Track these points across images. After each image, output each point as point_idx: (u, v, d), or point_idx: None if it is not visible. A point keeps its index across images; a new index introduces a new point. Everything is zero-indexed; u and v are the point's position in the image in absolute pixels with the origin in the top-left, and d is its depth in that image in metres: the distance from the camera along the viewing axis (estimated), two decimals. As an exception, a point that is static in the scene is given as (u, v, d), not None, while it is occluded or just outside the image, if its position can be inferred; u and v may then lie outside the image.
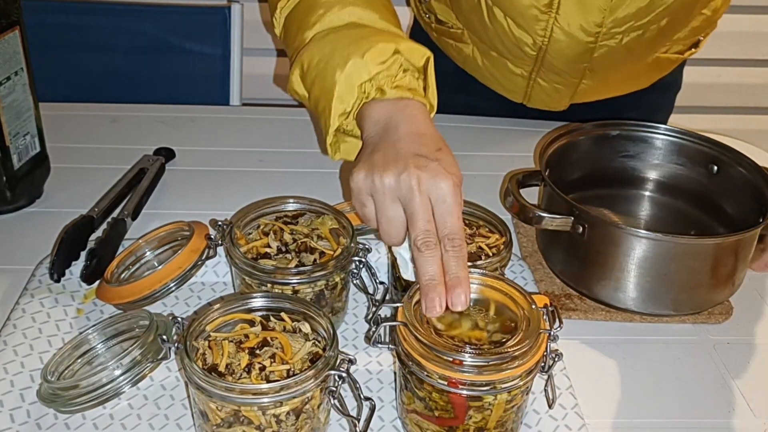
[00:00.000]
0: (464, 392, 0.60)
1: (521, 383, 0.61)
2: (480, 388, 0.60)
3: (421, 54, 0.76)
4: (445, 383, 0.60)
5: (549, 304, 0.65)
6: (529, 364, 0.60)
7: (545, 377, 0.65)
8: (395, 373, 0.68)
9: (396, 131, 0.71)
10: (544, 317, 0.64)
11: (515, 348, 0.60)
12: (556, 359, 0.64)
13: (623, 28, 0.99)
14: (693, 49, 1.16)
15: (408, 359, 0.62)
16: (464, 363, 0.59)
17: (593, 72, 1.08)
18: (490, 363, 0.59)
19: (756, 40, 1.83)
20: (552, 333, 0.63)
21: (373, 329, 0.65)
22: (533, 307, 0.64)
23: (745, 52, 1.83)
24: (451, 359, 0.59)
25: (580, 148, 0.92)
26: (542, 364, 0.63)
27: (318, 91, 0.77)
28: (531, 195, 0.87)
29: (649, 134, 0.93)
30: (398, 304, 0.64)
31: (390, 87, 0.74)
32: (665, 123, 1.27)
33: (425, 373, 0.60)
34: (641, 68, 1.13)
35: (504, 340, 0.62)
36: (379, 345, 0.65)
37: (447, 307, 0.63)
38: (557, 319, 0.64)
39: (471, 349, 0.60)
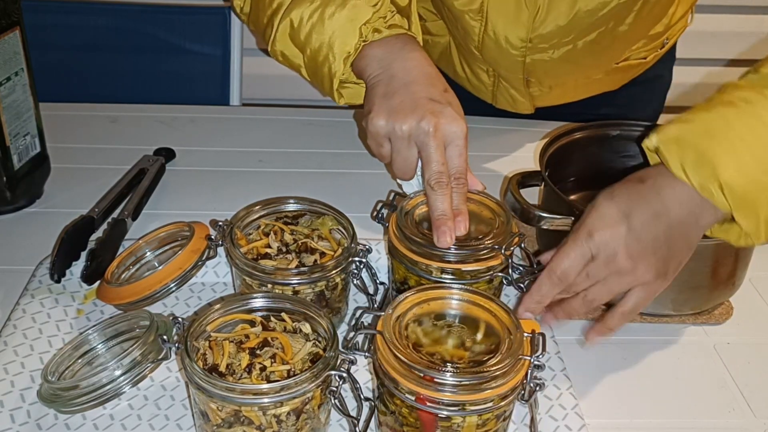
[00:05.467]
0: (432, 410, 0.58)
1: (494, 407, 0.59)
2: (448, 407, 0.58)
3: None
4: (414, 399, 0.58)
5: (537, 331, 0.62)
6: (503, 388, 0.58)
7: (526, 406, 0.63)
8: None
9: (406, 72, 0.78)
10: (534, 343, 0.61)
11: (488, 370, 0.58)
12: (537, 389, 0.60)
13: (550, 44, 1.00)
14: (660, 50, 1.15)
15: (381, 370, 0.60)
16: (434, 380, 0.57)
17: (538, 82, 1.09)
18: (461, 383, 0.57)
19: (758, 40, 1.83)
20: (533, 360, 0.60)
21: (351, 335, 0.64)
22: (517, 330, 0.61)
23: (747, 52, 1.83)
24: (421, 375, 0.57)
25: (580, 148, 0.92)
26: (521, 391, 0.60)
27: (316, 42, 0.82)
28: (531, 195, 0.86)
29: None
30: (381, 314, 0.62)
31: (385, 27, 0.80)
32: (653, 119, 1.26)
33: (395, 386, 0.59)
34: (600, 75, 1.12)
35: (482, 361, 0.60)
36: (356, 352, 0.63)
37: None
38: (542, 347, 0.61)
39: (444, 366, 0.58)
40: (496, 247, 0.72)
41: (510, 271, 0.73)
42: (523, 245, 0.75)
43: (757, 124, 0.65)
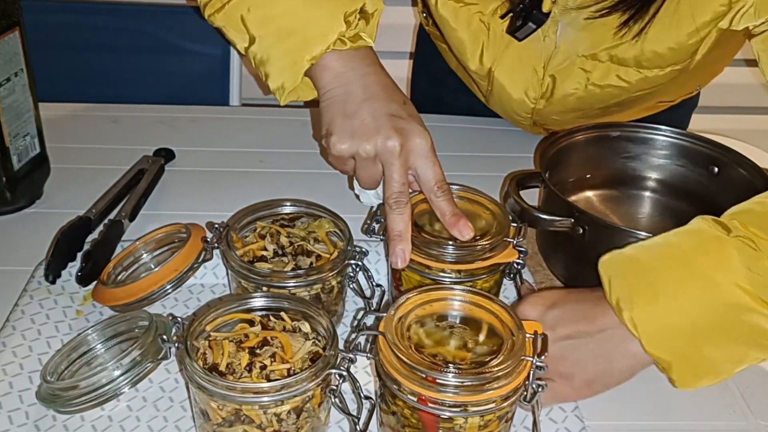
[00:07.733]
0: (434, 411, 0.58)
1: (495, 408, 0.58)
2: (450, 408, 0.58)
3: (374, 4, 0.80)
4: (415, 399, 0.58)
5: (540, 332, 0.62)
6: (505, 389, 0.58)
7: (529, 408, 0.62)
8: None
9: (364, 88, 0.76)
10: (536, 344, 0.61)
11: (490, 371, 0.57)
12: (539, 390, 0.60)
13: (559, 114, 1.00)
14: (691, 93, 1.12)
15: (383, 371, 0.60)
16: (436, 381, 0.57)
17: (552, 126, 1.07)
18: (464, 384, 0.57)
19: (756, 40, 1.83)
20: (535, 361, 0.60)
21: (353, 336, 0.64)
22: (519, 331, 0.61)
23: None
24: (423, 376, 0.57)
25: (581, 149, 0.92)
26: (523, 392, 0.60)
27: (281, 34, 0.77)
28: (531, 196, 0.86)
29: (650, 135, 0.93)
30: (383, 314, 0.63)
31: (349, 38, 0.77)
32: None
33: (397, 387, 0.59)
34: (622, 116, 1.09)
35: (485, 362, 0.60)
36: (359, 353, 0.63)
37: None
38: (543, 349, 0.61)
39: (446, 367, 0.58)
40: (509, 239, 0.74)
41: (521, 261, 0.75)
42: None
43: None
